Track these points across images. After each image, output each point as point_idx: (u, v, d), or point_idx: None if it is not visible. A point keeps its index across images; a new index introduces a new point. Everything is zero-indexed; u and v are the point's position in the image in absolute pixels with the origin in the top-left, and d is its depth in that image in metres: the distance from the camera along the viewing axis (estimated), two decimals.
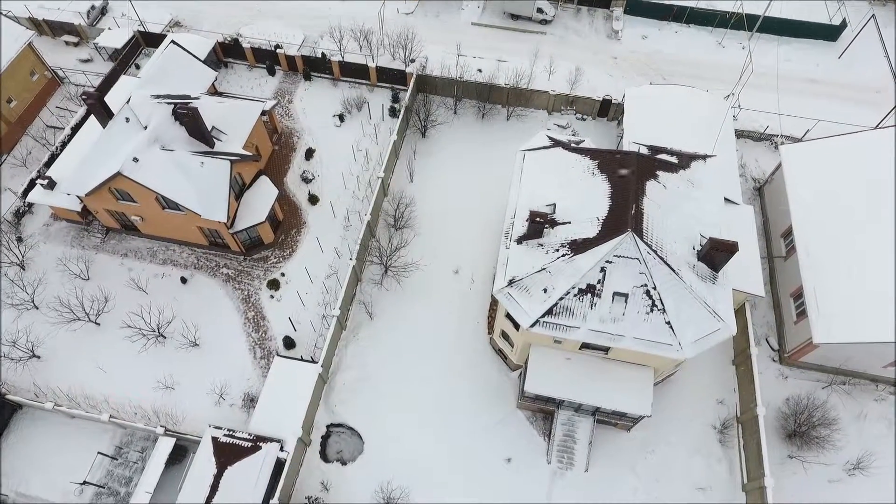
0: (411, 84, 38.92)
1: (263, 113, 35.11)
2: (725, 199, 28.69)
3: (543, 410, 28.48)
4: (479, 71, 40.92)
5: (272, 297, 32.26)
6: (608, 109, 38.82)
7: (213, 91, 38.05)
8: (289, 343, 30.45)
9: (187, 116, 29.65)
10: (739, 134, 37.37)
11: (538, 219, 23.97)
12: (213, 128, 31.85)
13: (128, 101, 30.48)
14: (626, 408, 25.35)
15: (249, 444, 25.55)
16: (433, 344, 30.55)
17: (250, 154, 32.01)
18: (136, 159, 28.74)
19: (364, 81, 41.36)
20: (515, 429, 28.27)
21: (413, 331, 30.97)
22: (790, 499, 26.10)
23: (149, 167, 28.97)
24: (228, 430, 26.08)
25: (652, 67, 42.36)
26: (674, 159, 26.74)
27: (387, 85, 41.02)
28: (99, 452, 27.14)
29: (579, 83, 39.61)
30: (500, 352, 30.13)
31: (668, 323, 23.01)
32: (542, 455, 27.62)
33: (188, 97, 32.24)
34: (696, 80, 39.34)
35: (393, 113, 39.48)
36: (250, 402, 28.63)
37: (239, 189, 32.12)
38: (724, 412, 28.55)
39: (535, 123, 38.73)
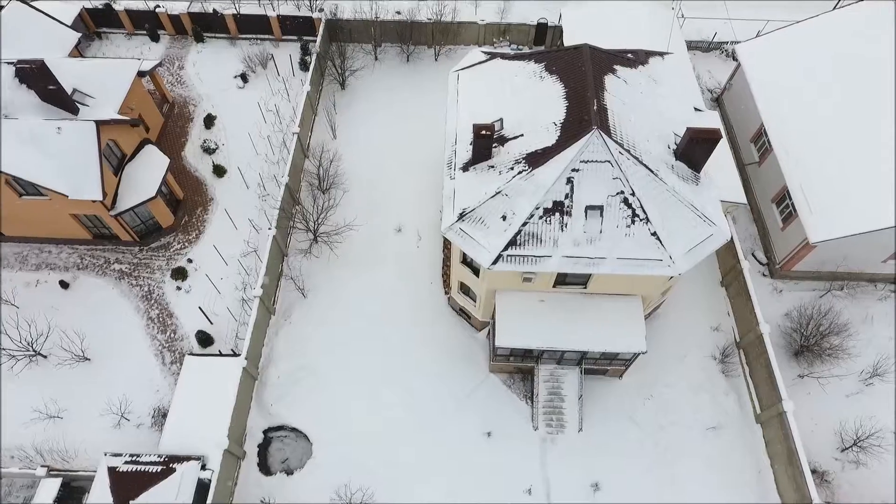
0: (321, 29, 33.74)
1: (143, 75, 29.04)
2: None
3: (521, 369, 24.16)
4: (398, 13, 36.20)
5: (179, 288, 26.43)
6: (545, 36, 35.02)
7: (79, 56, 31.50)
8: (204, 339, 24.77)
9: (34, 73, 23.45)
10: (688, 45, 34.27)
11: (484, 132, 19.50)
12: (76, 91, 25.67)
13: None
14: (618, 346, 21.32)
15: (159, 469, 19.88)
16: (382, 315, 25.68)
17: (126, 118, 26.03)
18: None
19: (267, 36, 35.77)
20: (492, 397, 23.85)
21: (356, 304, 25.99)
22: (808, 423, 22.91)
23: None
24: (131, 455, 20.31)
25: None
26: (630, 56, 23.10)
27: (293, 37, 35.61)
28: None
29: (510, 13, 35.59)
30: (461, 311, 25.59)
31: (654, 234, 19.11)
32: (526, 421, 23.29)
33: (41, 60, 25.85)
34: None
35: (304, 66, 34.15)
36: (162, 417, 22.83)
37: (118, 161, 26.07)
38: (722, 339, 25.12)
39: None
